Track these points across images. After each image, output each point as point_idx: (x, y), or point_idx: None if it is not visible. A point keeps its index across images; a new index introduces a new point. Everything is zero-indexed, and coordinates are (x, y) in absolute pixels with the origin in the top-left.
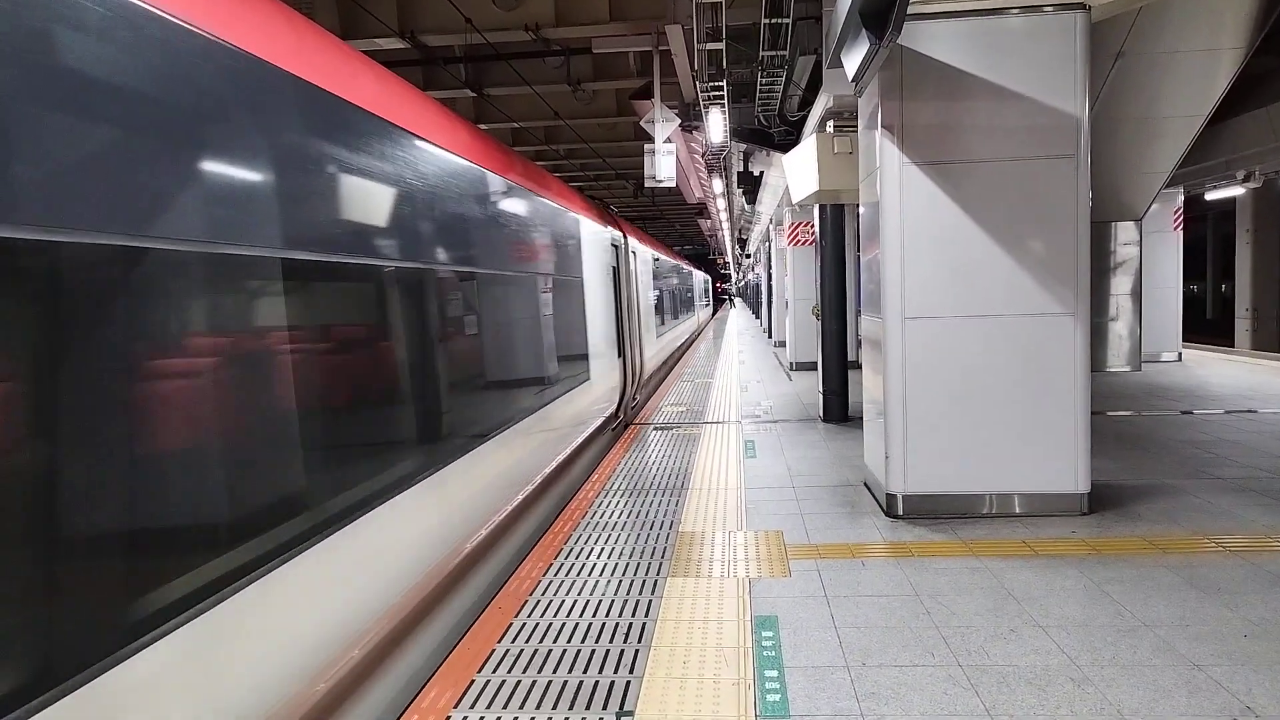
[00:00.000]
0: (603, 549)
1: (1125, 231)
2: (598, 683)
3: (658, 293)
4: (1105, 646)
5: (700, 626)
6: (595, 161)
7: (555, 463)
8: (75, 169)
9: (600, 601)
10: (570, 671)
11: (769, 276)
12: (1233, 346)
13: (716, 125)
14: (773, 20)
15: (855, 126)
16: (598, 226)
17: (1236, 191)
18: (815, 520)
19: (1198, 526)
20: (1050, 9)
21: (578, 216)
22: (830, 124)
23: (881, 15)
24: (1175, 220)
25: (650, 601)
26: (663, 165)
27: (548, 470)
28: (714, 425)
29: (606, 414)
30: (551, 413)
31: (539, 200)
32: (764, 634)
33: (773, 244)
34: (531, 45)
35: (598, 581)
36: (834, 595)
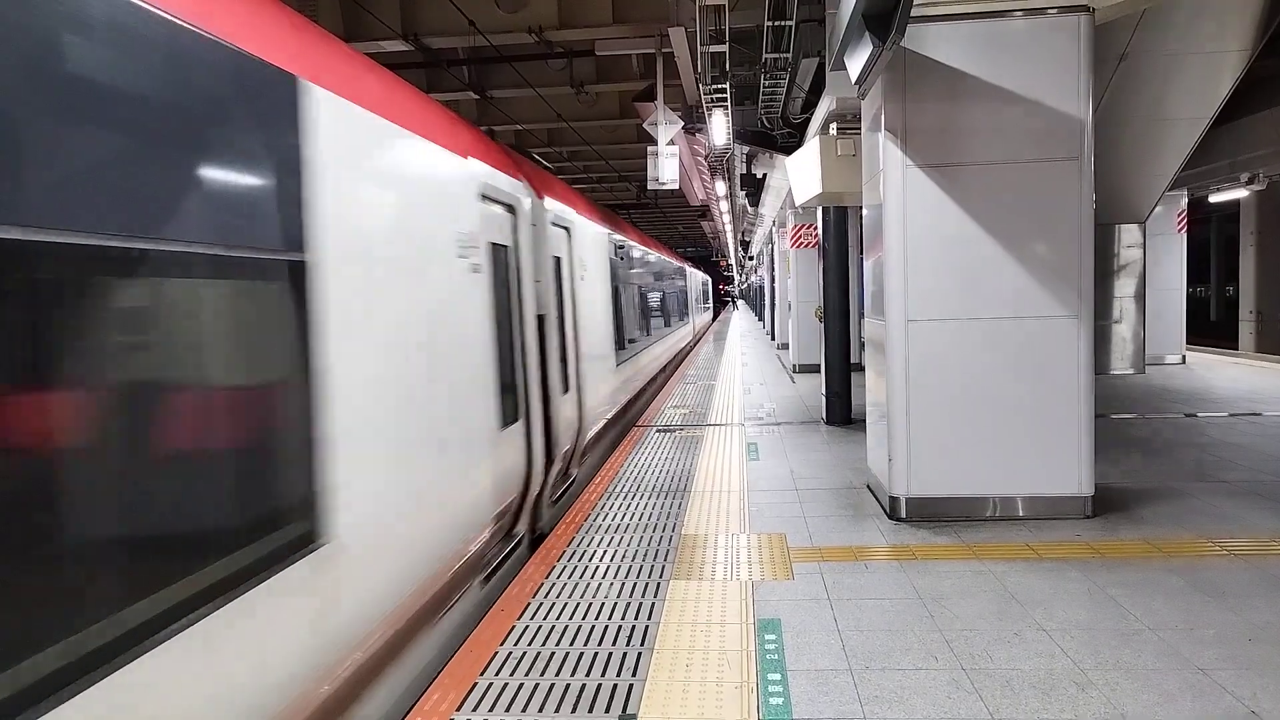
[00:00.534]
0: (605, 551)
1: (1129, 234)
2: (600, 685)
3: (628, 297)
4: (1109, 650)
5: (703, 629)
6: (598, 164)
7: None
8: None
9: (603, 604)
10: (573, 674)
11: (772, 279)
12: (1237, 349)
13: (719, 127)
14: (776, 23)
15: (858, 129)
16: (430, 153)
17: (1241, 194)
18: (818, 523)
19: (1202, 530)
20: (1054, 11)
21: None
22: (833, 126)
23: (885, 18)
24: (1179, 222)
25: (653, 604)
26: (665, 167)
27: None
28: (717, 428)
29: (482, 533)
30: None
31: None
32: (767, 637)
33: (776, 246)
34: (535, 47)
35: (600, 584)
36: (837, 598)
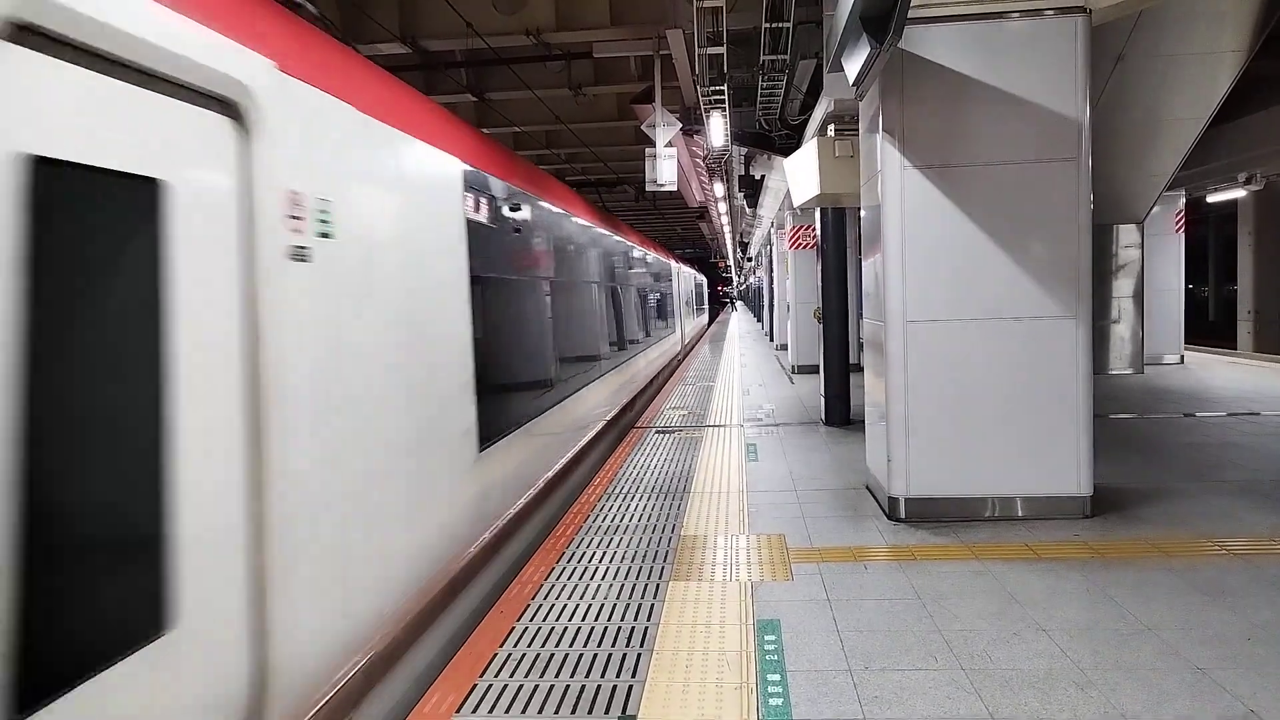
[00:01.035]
0: (605, 552)
1: (1127, 234)
2: (600, 687)
3: (532, 304)
4: (1108, 650)
5: (703, 630)
6: (596, 165)
7: None
8: None
9: (603, 605)
10: (573, 675)
11: (770, 280)
12: (1235, 349)
13: (717, 129)
14: (773, 25)
15: (856, 130)
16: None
17: (1238, 194)
18: (817, 524)
19: (1200, 529)
20: (1051, 12)
21: None
22: (831, 128)
23: (882, 19)
24: (1177, 223)
25: (653, 605)
26: (664, 169)
27: None
28: (716, 429)
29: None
30: None
31: None
32: (766, 638)
33: (774, 248)
34: (532, 50)
35: (600, 585)
36: (836, 599)
